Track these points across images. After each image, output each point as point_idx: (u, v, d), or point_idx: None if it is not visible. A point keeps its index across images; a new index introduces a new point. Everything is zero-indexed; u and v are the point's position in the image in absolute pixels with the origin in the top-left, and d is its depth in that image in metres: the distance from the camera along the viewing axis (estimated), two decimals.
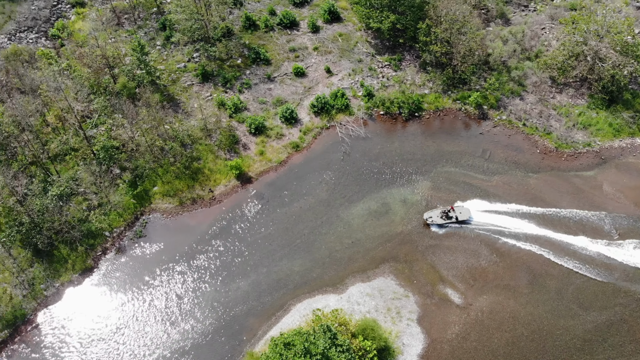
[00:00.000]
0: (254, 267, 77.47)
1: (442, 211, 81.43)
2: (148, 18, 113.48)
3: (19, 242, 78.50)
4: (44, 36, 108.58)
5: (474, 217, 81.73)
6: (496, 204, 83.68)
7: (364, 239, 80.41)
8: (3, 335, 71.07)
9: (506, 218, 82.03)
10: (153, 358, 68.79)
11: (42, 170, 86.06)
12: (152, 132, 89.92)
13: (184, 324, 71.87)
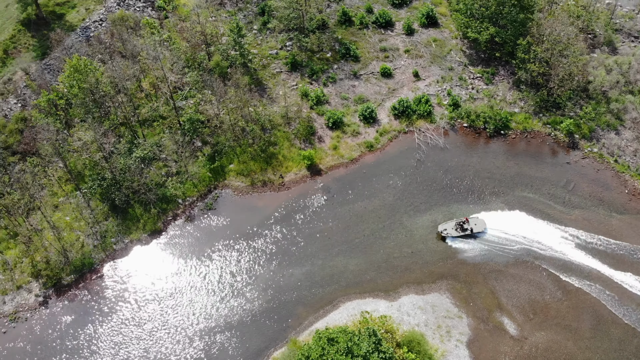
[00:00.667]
0: (310, 257, 78.12)
1: (456, 223, 79.32)
2: (249, 2, 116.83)
3: (99, 196, 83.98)
4: (151, 6, 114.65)
5: (515, 233, 79.39)
6: (571, 239, 78.93)
7: (425, 251, 78.71)
8: (69, 280, 76.50)
9: (579, 255, 77.24)
10: (199, 327, 71.36)
11: (130, 132, 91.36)
12: (236, 112, 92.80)
13: (234, 300, 73.90)
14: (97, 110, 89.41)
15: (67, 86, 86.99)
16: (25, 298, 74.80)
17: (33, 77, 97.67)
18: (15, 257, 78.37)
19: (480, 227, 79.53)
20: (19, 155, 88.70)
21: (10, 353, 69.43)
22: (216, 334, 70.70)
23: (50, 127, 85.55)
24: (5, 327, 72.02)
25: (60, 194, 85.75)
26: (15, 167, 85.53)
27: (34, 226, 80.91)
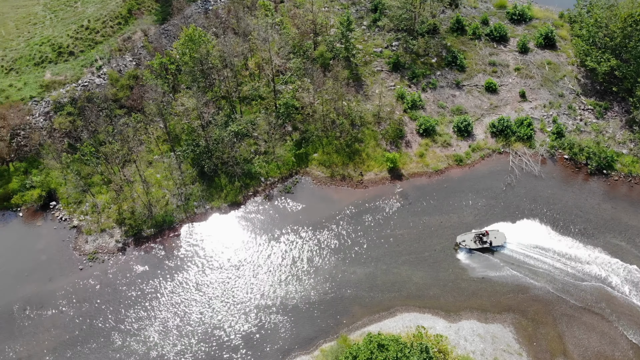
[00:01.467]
0: (375, 260, 77.42)
1: (476, 235, 76.96)
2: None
3: (190, 160, 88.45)
4: None
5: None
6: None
7: (497, 279, 75.25)
8: (148, 232, 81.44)
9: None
10: (255, 303, 73.26)
11: (229, 107, 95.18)
12: (330, 104, 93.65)
13: (292, 285, 75.02)
14: (202, 81, 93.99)
15: (179, 53, 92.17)
16: (106, 242, 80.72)
17: (150, 39, 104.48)
18: (105, 202, 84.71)
19: (500, 241, 77.15)
20: (125, 110, 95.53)
21: (81, 289, 75.36)
22: (270, 313, 72.27)
23: (158, 89, 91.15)
24: (82, 264, 78.22)
25: (156, 152, 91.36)
26: (120, 120, 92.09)
27: (127, 177, 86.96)
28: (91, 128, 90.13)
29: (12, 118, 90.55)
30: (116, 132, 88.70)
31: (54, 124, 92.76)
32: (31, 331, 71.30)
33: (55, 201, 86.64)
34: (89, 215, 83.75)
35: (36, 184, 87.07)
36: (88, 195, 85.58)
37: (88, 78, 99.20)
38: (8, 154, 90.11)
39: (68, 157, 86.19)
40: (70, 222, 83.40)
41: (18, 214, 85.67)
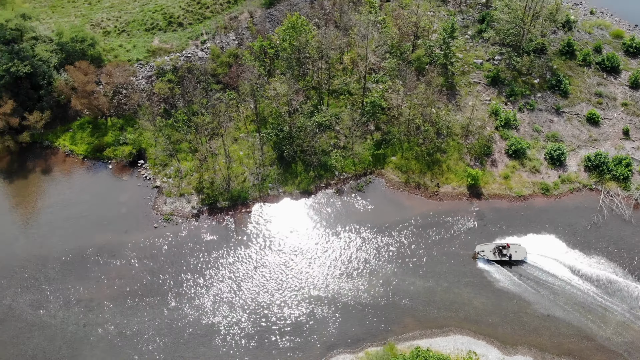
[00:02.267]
0: (436, 276, 75.51)
1: (496, 246, 75.60)
2: (473, 6, 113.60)
3: (272, 143, 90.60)
4: None
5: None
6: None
7: (562, 320, 70.91)
8: (223, 204, 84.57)
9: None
10: (307, 292, 73.91)
11: (317, 97, 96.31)
12: (418, 109, 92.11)
13: (345, 283, 74.90)
14: (297, 69, 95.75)
15: (280, 39, 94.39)
16: (183, 206, 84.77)
17: (255, 21, 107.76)
18: (188, 169, 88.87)
19: (521, 256, 75.49)
20: (221, 86, 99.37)
21: (151, 246, 79.68)
22: (321, 305, 72.74)
23: (255, 71, 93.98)
24: (157, 223, 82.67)
25: (242, 130, 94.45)
26: (214, 95, 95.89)
27: (212, 149, 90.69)
28: (187, 98, 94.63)
29: (117, 76, 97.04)
30: (210, 105, 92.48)
31: (154, 88, 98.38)
32: (97, 277, 76.55)
33: (143, 160, 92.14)
34: (172, 179, 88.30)
35: (129, 141, 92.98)
36: (174, 160, 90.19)
37: (192, 50, 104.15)
38: (108, 109, 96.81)
39: (162, 121, 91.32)
40: (154, 182, 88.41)
41: (108, 166, 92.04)
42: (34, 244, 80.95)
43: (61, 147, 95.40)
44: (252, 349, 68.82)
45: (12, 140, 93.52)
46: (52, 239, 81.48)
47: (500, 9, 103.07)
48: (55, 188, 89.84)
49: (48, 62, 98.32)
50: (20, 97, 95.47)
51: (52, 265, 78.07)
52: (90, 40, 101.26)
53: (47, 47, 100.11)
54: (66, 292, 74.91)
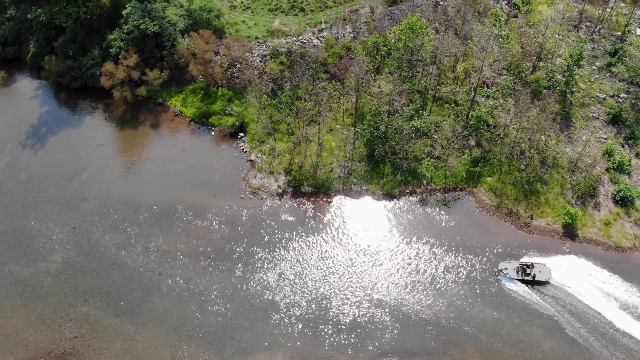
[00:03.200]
0: (509, 309, 71.44)
1: (520, 265, 73.41)
2: (606, 37, 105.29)
3: (365, 140, 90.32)
4: (507, 0, 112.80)
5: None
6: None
7: None
8: (306, 189, 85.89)
9: None
10: (370, 295, 73.04)
11: (421, 102, 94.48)
12: (526, 133, 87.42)
13: (410, 295, 72.86)
14: (406, 70, 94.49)
15: (396, 38, 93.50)
16: (270, 183, 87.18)
17: (375, 17, 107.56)
18: (282, 149, 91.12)
19: (545, 276, 72.91)
20: (328, 75, 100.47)
21: (233, 214, 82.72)
22: (380, 310, 71.69)
23: (363, 66, 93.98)
24: (244, 194, 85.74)
25: (339, 122, 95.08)
26: (320, 83, 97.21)
27: (307, 135, 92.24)
28: (294, 82, 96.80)
29: (235, 50, 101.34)
30: (314, 92, 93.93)
31: (266, 67, 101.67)
32: (179, 232, 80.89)
33: (243, 133, 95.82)
34: (265, 156, 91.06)
35: (234, 113, 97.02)
36: (271, 139, 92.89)
37: (308, 36, 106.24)
38: (221, 79, 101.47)
39: (267, 100, 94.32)
40: (249, 156, 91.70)
41: (211, 133, 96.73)
42: (130, 190, 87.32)
43: (172, 106, 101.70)
44: (306, 336, 69.52)
45: (130, 92, 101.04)
46: (147, 188, 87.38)
47: (636, 45, 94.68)
48: (159, 143, 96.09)
49: (175, 25, 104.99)
50: (144, 53, 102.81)
51: (142, 212, 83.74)
52: (216, 11, 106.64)
53: (177, 11, 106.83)
54: (148, 240, 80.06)
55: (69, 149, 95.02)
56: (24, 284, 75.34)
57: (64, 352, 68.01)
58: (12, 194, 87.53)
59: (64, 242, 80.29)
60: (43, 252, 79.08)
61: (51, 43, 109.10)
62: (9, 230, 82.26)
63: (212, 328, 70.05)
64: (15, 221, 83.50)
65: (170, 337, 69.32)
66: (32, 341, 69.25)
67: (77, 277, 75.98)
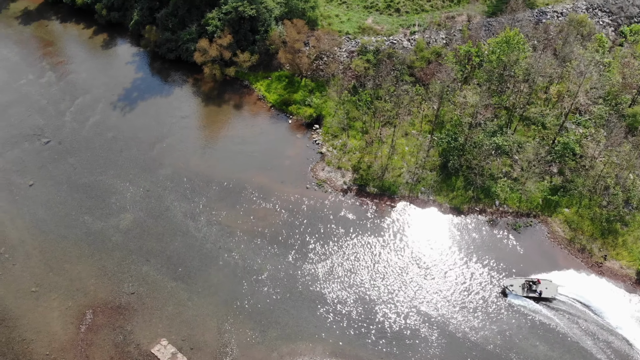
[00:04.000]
0: (565, 349, 67.38)
1: (526, 281, 72.29)
2: None
3: (440, 149, 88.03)
4: (614, 27, 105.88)
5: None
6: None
7: None
8: (371, 190, 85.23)
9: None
10: (412, 304, 71.33)
11: (506, 119, 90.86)
12: (613, 168, 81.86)
13: (459, 313, 70.33)
14: (496, 84, 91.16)
15: (490, 50, 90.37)
16: (336, 178, 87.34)
17: (471, 26, 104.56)
18: (354, 146, 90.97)
19: (551, 293, 71.53)
20: (413, 79, 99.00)
21: (296, 201, 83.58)
22: (427, 324, 69.85)
23: (451, 74, 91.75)
24: (310, 185, 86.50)
25: (416, 127, 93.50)
26: (403, 86, 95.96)
27: (381, 136, 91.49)
28: (377, 81, 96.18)
29: (325, 43, 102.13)
30: (395, 94, 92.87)
31: (352, 63, 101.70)
32: (243, 210, 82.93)
33: (319, 125, 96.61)
34: (336, 151, 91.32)
35: (313, 104, 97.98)
36: (344, 134, 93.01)
37: (399, 37, 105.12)
38: (307, 70, 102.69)
39: (347, 96, 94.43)
40: (320, 148, 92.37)
41: (288, 120, 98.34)
42: (205, 163, 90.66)
43: (256, 90, 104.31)
44: (348, 335, 69.20)
45: (220, 71, 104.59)
46: (220, 164, 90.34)
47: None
48: (239, 123, 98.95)
49: (271, 11, 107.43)
50: (238, 35, 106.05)
51: (213, 186, 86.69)
52: (313, 2, 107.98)
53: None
54: (214, 213, 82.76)
55: (155, 116, 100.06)
56: (94, 235, 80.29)
57: (119, 306, 71.85)
58: (97, 150, 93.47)
59: (137, 202, 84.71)
60: (116, 208, 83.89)
61: (153, 13, 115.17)
62: (89, 182, 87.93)
63: (259, 308, 71.41)
64: (96, 175, 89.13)
65: (220, 309, 71.37)
66: (92, 290, 73.70)
67: (143, 237, 79.97)
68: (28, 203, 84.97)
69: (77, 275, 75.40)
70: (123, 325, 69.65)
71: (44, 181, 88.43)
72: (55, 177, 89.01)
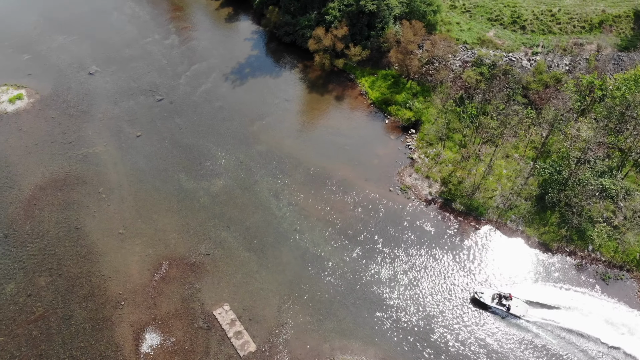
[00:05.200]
0: None
1: (497, 294, 71.47)
2: None
3: (540, 180, 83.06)
4: None
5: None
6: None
7: None
8: (457, 207, 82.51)
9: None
10: (475, 336, 68.29)
11: (619, 162, 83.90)
12: None
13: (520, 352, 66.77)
14: (614, 123, 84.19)
15: (615, 85, 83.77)
16: (422, 187, 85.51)
17: (599, 57, 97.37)
18: (448, 158, 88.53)
19: (521, 312, 70.17)
20: (526, 100, 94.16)
21: (374, 201, 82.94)
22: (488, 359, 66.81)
23: (568, 103, 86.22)
24: (393, 188, 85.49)
25: (519, 151, 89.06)
26: (513, 105, 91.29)
27: (479, 153, 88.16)
28: (487, 96, 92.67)
29: (439, 49, 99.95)
30: (503, 112, 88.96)
31: (463, 74, 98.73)
32: (322, 198, 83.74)
33: (415, 130, 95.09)
34: (428, 159, 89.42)
35: (414, 108, 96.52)
36: (440, 144, 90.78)
37: (519, 55, 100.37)
38: (415, 72, 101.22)
39: (451, 106, 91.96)
40: (412, 153, 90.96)
41: (385, 120, 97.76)
42: (298, 146, 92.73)
43: (360, 85, 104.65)
44: (403, 347, 67.75)
45: (329, 61, 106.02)
46: (312, 150, 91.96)
47: None
48: (337, 114, 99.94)
49: (392, 9, 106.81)
50: (354, 28, 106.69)
51: (300, 169, 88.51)
52: (436, 6, 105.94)
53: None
54: (295, 195, 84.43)
55: (260, 93, 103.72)
56: (185, 193, 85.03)
57: (193, 263, 75.73)
58: (203, 115, 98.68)
59: (229, 171, 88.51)
60: (209, 173, 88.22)
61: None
62: (190, 144, 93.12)
63: (320, 297, 72.08)
64: (197, 138, 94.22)
65: (284, 288, 72.97)
66: (172, 243, 78.25)
67: (228, 204, 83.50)
68: (132, 152, 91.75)
69: (162, 227, 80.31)
70: (193, 283, 73.36)
71: (150, 135, 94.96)
72: (161, 133, 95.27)
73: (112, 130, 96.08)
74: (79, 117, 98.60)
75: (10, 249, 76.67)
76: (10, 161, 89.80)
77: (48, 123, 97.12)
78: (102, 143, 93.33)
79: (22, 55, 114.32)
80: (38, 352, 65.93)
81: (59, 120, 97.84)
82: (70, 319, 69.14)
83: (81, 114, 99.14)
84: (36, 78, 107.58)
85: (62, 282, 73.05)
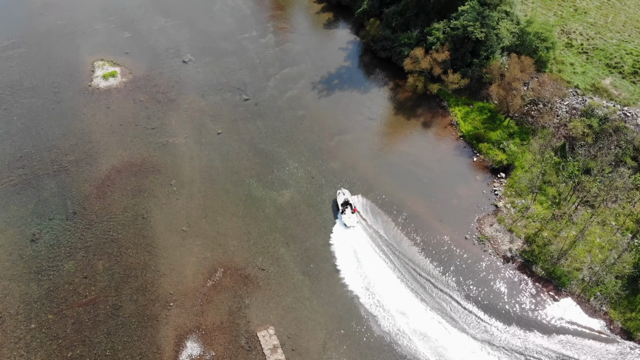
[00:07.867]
0: None
1: (348, 202, 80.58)
2: None
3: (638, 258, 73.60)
4: None
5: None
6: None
7: None
8: (537, 271, 74.26)
9: None
10: None
11: None
12: None
13: None
14: None
15: None
16: (502, 241, 77.95)
17: None
18: (536, 214, 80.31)
19: (351, 222, 78.59)
20: (636, 164, 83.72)
21: (444, 245, 76.76)
22: None
23: None
24: (469, 236, 78.64)
25: (619, 221, 79.28)
26: (621, 168, 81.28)
27: (572, 214, 79.35)
28: (592, 152, 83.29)
29: (547, 90, 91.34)
30: (608, 175, 79.46)
31: (570, 122, 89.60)
32: (388, 230, 78.47)
33: (505, 175, 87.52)
34: (514, 210, 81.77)
35: (508, 151, 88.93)
36: (530, 197, 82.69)
37: (635, 111, 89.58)
38: (515, 111, 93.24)
39: (550, 156, 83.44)
40: (497, 201, 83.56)
41: (473, 157, 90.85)
42: (372, 170, 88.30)
43: (452, 115, 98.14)
44: None
45: (423, 84, 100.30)
46: (387, 176, 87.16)
47: None
48: (420, 142, 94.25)
49: (501, 40, 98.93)
50: (456, 53, 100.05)
51: (372, 195, 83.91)
52: (550, 43, 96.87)
53: (511, 26, 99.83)
54: (362, 222, 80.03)
55: (344, 108, 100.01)
56: (253, 200, 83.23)
57: (247, 276, 73.62)
58: (284, 122, 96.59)
59: (299, 184, 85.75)
60: (279, 183, 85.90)
61: (382, 7, 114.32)
62: (266, 150, 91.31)
63: (371, 343, 67.35)
64: (274, 145, 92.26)
65: (333, 323, 69.11)
66: (231, 250, 76.60)
67: (292, 219, 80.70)
68: (210, 149, 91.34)
69: (224, 231, 78.96)
70: (243, 297, 71.29)
71: (231, 134, 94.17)
72: (241, 134, 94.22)
73: (195, 123, 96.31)
74: (165, 104, 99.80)
75: (77, 227, 78.41)
76: (94, 138, 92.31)
77: (135, 105, 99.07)
78: (183, 134, 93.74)
79: (123, 33, 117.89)
80: (82, 337, 66.48)
81: (146, 104, 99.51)
82: (119, 310, 69.32)
83: (168, 102, 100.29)
84: (132, 57, 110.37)
85: (119, 270, 73.56)
